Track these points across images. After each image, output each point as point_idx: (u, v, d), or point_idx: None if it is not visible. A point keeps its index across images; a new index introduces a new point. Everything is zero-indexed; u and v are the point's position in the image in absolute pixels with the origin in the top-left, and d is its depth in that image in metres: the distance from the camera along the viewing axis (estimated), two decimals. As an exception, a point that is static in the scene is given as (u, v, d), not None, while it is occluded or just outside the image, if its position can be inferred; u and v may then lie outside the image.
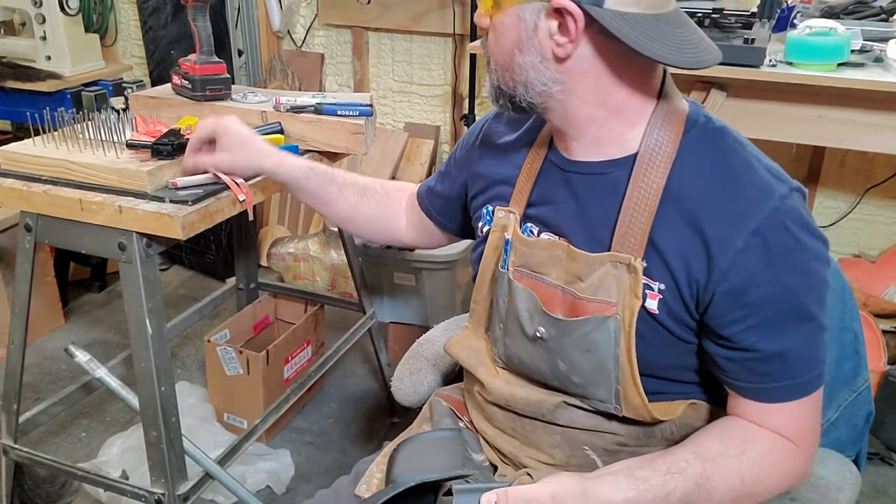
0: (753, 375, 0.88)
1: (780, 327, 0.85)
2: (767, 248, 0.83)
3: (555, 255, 0.95)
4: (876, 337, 2.07)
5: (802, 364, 0.88)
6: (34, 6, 2.51)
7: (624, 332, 0.89)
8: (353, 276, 2.11)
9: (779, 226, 0.83)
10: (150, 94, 1.70)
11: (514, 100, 0.92)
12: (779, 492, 0.90)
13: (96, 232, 1.34)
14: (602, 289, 0.89)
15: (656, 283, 0.88)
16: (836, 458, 1.08)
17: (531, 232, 1.00)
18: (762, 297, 0.84)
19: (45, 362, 2.51)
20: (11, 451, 1.64)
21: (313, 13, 3.02)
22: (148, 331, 1.35)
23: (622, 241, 0.89)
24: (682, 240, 0.86)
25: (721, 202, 0.85)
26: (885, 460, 2.04)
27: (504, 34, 0.88)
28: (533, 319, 0.96)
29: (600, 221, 0.92)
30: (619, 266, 0.88)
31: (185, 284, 3.05)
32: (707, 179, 0.86)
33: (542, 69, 0.87)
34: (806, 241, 0.85)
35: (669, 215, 0.87)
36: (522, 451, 1.05)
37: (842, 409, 1.10)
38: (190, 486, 1.48)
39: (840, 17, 2.06)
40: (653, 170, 0.88)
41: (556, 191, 0.98)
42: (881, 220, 2.48)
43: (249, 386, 2.04)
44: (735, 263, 0.83)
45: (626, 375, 0.91)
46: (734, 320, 0.86)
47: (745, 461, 0.87)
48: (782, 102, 1.94)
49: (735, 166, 0.87)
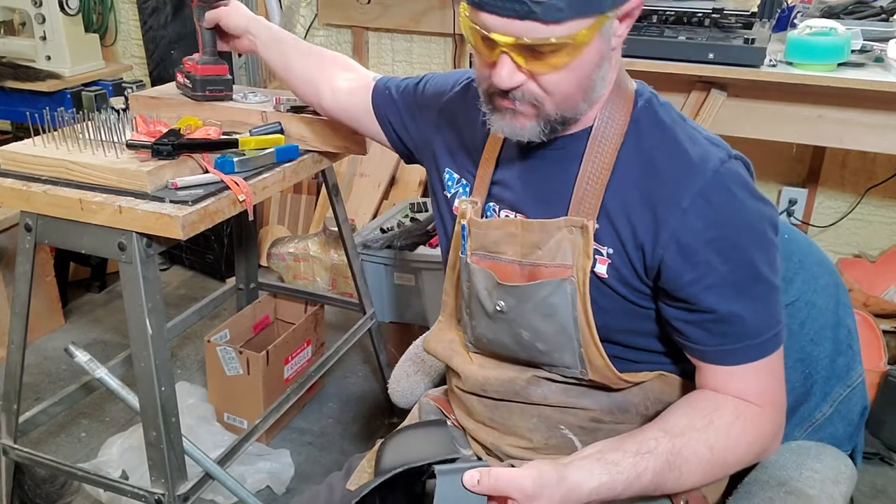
0: (712, 337, 0.91)
1: (735, 287, 0.89)
2: (712, 207, 0.87)
3: (509, 231, 0.99)
4: (876, 337, 2.07)
5: (760, 324, 0.90)
6: (34, 6, 2.51)
7: (580, 294, 0.93)
8: (353, 276, 2.11)
9: (720, 186, 0.88)
10: (150, 94, 1.70)
11: (565, 122, 0.92)
12: (751, 458, 0.93)
13: (96, 232, 1.34)
14: (559, 253, 0.94)
15: (605, 247, 0.93)
16: (832, 453, 1.08)
17: (494, 211, 1.04)
18: (712, 255, 0.88)
19: (45, 362, 2.51)
20: (11, 451, 1.64)
21: (313, 13, 3.02)
22: (148, 331, 1.35)
23: (577, 208, 0.93)
24: (630, 205, 0.91)
25: (666, 168, 0.90)
26: (885, 460, 2.04)
27: (585, 63, 0.87)
28: (491, 295, 1.00)
29: (557, 193, 0.96)
30: (574, 230, 0.93)
31: (185, 284, 3.05)
32: (653, 149, 0.92)
33: (607, 70, 0.91)
34: (748, 202, 0.89)
35: (618, 183, 0.92)
36: (503, 440, 1.07)
37: (836, 404, 1.11)
38: (190, 487, 1.48)
39: (840, 17, 2.06)
40: (606, 141, 0.93)
41: (514, 170, 1.02)
42: (881, 220, 2.48)
43: (249, 386, 2.04)
44: (682, 223, 0.88)
45: (587, 337, 0.94)
46: (688, 281, 0.89)
47: (712, 432, 0.89)
48: (782, 102, 1.94)
49: (678, 136, 0.92)
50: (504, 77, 0.86)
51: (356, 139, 1.55)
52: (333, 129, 1.54)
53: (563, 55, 0.84)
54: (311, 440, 2.18)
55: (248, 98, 1.66)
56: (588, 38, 0.83)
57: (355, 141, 1.56)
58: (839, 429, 1.12)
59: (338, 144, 1.58)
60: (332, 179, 1.92)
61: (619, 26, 0.89)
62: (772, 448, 0.96)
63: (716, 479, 0.94)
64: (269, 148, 1.50)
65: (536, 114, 0.90)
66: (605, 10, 0.83)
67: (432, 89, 1.20)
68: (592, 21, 0.82)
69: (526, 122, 0.91)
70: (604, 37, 0.86)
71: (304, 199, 3.12)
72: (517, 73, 0.87)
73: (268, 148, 1.49)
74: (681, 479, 0.88)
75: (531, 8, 0.80)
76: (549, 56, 0.84)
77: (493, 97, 0.92)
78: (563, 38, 0.81)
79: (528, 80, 0.87)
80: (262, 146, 1.49)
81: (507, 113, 0.92)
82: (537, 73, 0.86)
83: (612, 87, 0.95)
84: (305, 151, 1.58)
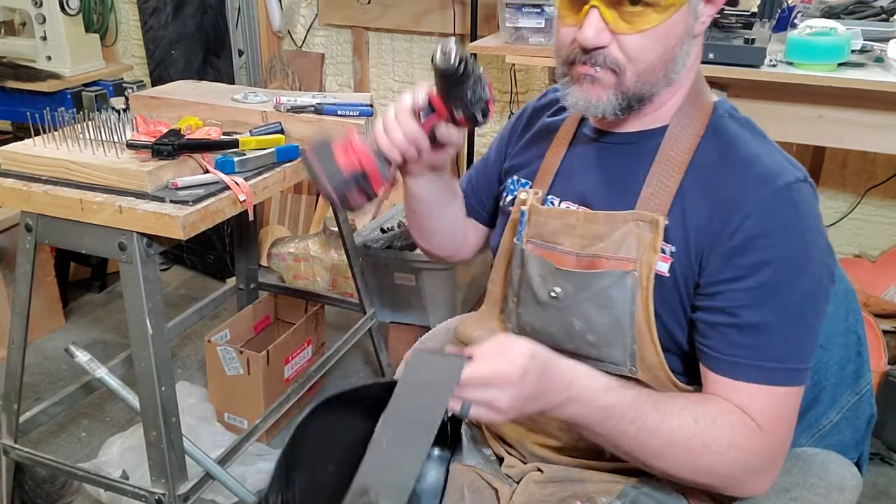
0: (726, 344, 0.88)
1: (765, 297, 0.86)
2: (772, 218, 0.86)
3: (568, 223, 0.97)
4: (876, 337, 2.07)
5: (778, 350, 0.87)
6: (34, 6, 2.51)
7: (642, 289, 0.91)
8: (353, 276, 2.11)
9: (788, 201, 0.87)
10: (151, 94, 1.71)
11: (641, 99, 0.92)
12: (730, 460, 0.87)
13: (96, 232, 1.34)
14: (623, 246, 0.92)
15: (669, 245, 0.90)
16: (838, 460, 1.07)
17: (552, 203, 1.02)
18: (756, 262, 0.86)
19: (45, 362, 2.51)
20: (12, 451, 1.64)
21: (313, 13, 3.02)
22: (148, 331, 1.35)
23: (647, 202, 0.92)
24: (700, 207, 0.90)
25: (737, 174, 0.89)
26: (886, 461, 2.04)
27: (670, 33, 0.87)
28: (546, 282, 0.97)
29: (626, 186, 0.95)
30: (642, 224, 0.91)
31: (185, 284, 3.05)
32: (727, 156, 0.91)
33: (688, 51, 0.91)
34: (810, 225, 0.88)
35: (691, 184, 0.91)
36: (528, 438, 1.04)
37: (844, 412, 1.10)
38: (190, 487, 1.48)
39: (840, 17, 2.06)
40: (683, 140, 0.93)
41: (583, 161, 1.01)
42: (882, 220, 2.48)
43: (250, 386, 2.04)
44: (741, 226, 0.86)
45: (644, 332, 0.92)
46: (724, 279, 0.88)
47: (699, 409, 0.87)
48: (782, 102, 1.94)
49: (756, 148, 0.92)
50: (590, 34, 0.86)
51: (356, 139, 1.55)
52: (334, 129, 1.54)
53: (650, 16, 0.84)
54: (312, 440, 2.18)
55: (249, 98, 1.67)
56: (678, 2, 0.84)
57: (355, 141, 1.56)
58: (846, 436, 1.10)
59: (338, 144, 1.58)
60: (332, 179, 1.92)
61: (705, 9, 0.89)
62: (754, 479, 0.89)
63: (690, 464, 0.88)
64: (270, 148, 1.50)
65: (615, 83, 0.89)
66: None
67: (505, 130, 1.19)
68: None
69: (602, 94, 0.90)
70: (692, 10, 0.87)
71: (304, 199, 3.12)
72: (604, 32, 0.86)
73: (268, 148, 1.49)
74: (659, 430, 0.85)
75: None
76: (637, 16, 0.84)
77: (573, 65, 0.91)
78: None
79: (612, 43, 0.87)
80: (263, 146, 1.49)
81: (584, 81, 0.91)
82: (623, 33, 0.86)
83: (691, 92, 0.95)
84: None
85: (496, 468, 1.08)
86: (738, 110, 0.98)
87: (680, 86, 0.94)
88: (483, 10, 2.54)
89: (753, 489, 0.91)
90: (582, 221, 0.96)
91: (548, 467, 1.02)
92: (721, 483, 0.90)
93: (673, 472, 0.89)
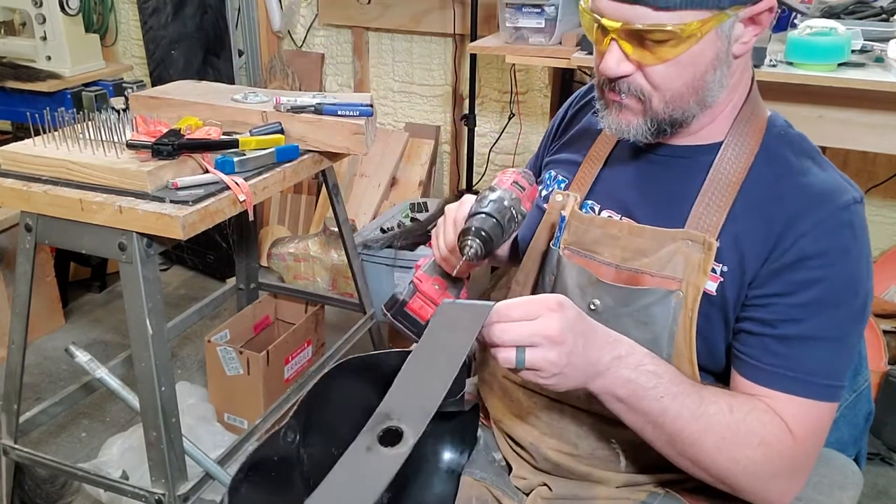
0: (767, 354, 0.88)
1: (811, 314, 0.86)
2: (828, 238, 0.86)
3: (611, 233, 0.96)
4: (876, 337, 2.07)
5: (817, 364, 0.87)
6: (34, 6, 2.51)
7: (685, 309, 0.89)
8: (353, 276, 2.11)
9: (845, 223, 0.86)
10: (151, 95, 1.71)
11: (674, 124, 0.91)
12: (759, 457, 0.86)
13: (96, 232, 1.34)
14: (669, 265, 0.90)
15: (720, 265, 0.89)
16: (839, 458, 1.08)
17: (591, 209, 1.01)
18: (807, 279, 0.86)
19: (45, 362, 2.51)
20: (12, 452, 1.64)
21: (313, 13, 3.02)
22: (148, 331, 1.35)
23: (697, 221, 0.90)
24: (753, 228, 0.88)
25: (793, 192, 0.88)
26: (886, 461, 2.04)
27: (696, 61, 0.85)
28: (585, 293, 0.96)
29: (675, 202, 0.93)
30: (692, 244, 0.89)
31: (185, 284, 3.05)
32: (785, 175, 0.90)
33: (723, 75, 0.88)
34: (864, 249, 0.88)
35: (745, 204, 0.90)
36: (543, 442, 1.01)
37: (843, 409, 1.10)
38: (190, 487, 1.48)
39: (840, 17, 2.06)
40: (736, 159, 0.91)
41: (628, 169, 0.99)
42: (882, 219, 2.48)
43: (250, 386, 2.04)
44: (795, 244, 0.86)
45: (682, 352, 0.91)
46: (772, 293, 0.87)
47: (735, 400, 0.87)
48: (782, 102, 1.93)
49: (812, 166, 0.90)
50: (611, 64, 0.86)
51: (356, 139, 1.55)
52: (333, 129, 1.54)
53: (671, 46, 0.82)
54: (312, 440, 2.18)
55: (249, 98, 1.66)
56: (699, 32, 0.81)
57: (355, 141, 1.56)
58: (844, 433, 1.11)
59: (338, 144, 1.58)
60: (332, 179, 1.92)
61: (745, 31, 0.86)
62: (776, 484, 0.88)
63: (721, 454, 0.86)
64: (270, 148, 1.50)
65: (643, 110, 0.89)
66: (724, 6, 0.81)
67: (550, 128, 1.19)
68: (708, 15, 0.80)
69: (632, 119, 0.90)
70: (722, 36, 0.83)
71: (304, 199, 3.12)
72: (624, 62, 0.86)
73: (268, 148, 1.49)
74: (699, 412, 0.85)
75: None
76: (658, 46, 0.83)
77: (603, 90, 0.91)
78: (673, 26, 0.80)
79: (636, 72, 0.86)
80: (263, 146, 1.49)
81: (614, 107, 0.90)
82: (644, 63, 0.85)
83: (746, 108, 0.93)
84: (305, 151, 1.58)
85: (505, 480, 1.06)
86: (791, 124, 0.96)
87: (724, 106, 0.93)
88: (483, 10, 2.54)
89: (776, 496, 0.89)
90: (626, 233, 0.94)
91: (556, 483, 1.00)
92: (745, 482, 0.87)
93: (704, 462, 0.87)
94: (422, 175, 2.91)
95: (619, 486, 0.99)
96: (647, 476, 0.98)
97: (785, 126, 0.95)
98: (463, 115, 2.81)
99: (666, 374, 0.85)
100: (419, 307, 0.94)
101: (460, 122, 2.87)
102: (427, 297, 0.94)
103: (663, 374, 0.84)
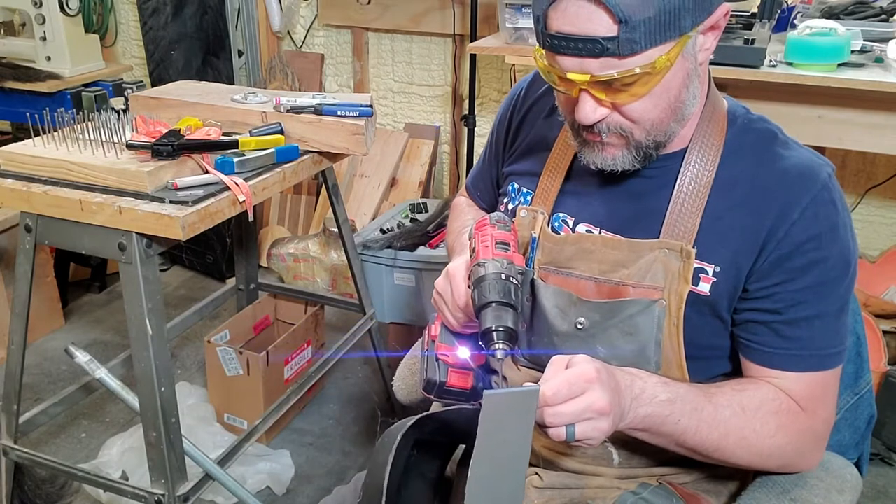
0: (780, 339, 0.90)
1: (814, 295, 0.89)
2: (817, 220, 0.88)
3: (584, 248, 0.96)
4: (876, 337, 2.07)
5: (827, 337, 0.90)
6: (34, 7, 2.51)
7: (669, 317, 0.90)
8: (353, 276, 2.11)
9: (828, 201, 0.89)
10: (151, 95, 1.70)
11: (658, 146, 0.90)
12: (780, 442, 0.90)
13: (96, 232, 1.34)
14: (650, 274, 0.91)
15: (711, 265, 0.90)
16: (838, 461, 1.07)
17: (564, 222, 1.00)
18: (805, 264, 0.88)
19: (45, 363, 2.51)
20: (11, 452, 1.63)
21: (313, 13, 3.02)
22: (148, 331, 1.35)
23: (672, 229, 0.91)
24: (742, 223, 0.90)
25: (773, 181, 0.90)
26: (886, 461, 2.04)
27: (670, 86, 0.85)
28: (567, 314, 0.95)
29: (649, 212, 0.94)
30: (670, 253, 0.90)
31: (185, 285, 3.05)
32: (757, 165, 0.91)
33: (695, 87, 0.89)
34: (847, 218, 0.91)
35: (723, 203, 0.91)
36: (537, 441, 1.01)
37: (843, 412, 1.10)
38: (190, 487, 1.48)
39: (840, 18, 2.06)
40: (703, 161, 0.92)
41: (594, 182, 0.99)
42: (881, 220, 2.48)
43: (249, 386, 2.04)
44: (788, 233, 0.88)
45: (670, 359, 0.92)
46: (775, 283, 0.89)
47: (745, 398, 0.89)
48: (782, 103, 1.94)
49: (780, 150, 0.92)
50: (587, 113, 0.85)
51: (356, 140, 1.55)
52: (333, 129, 1.54)
53: (642, 84, 0.82)
54: (312, 441, 2.18)
55: (248, 98, 1.66)
56: (668, 63, 0.80)
57: (355, 141, 1.56)
58: (846, 436, 1.11)
59: (338, 145, 1.58)
60: (332, 179, 1.92)
61: (706, 39, 0.86)
62: (804, 458, 0.95)
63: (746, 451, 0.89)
64: (269, 148, 1.50)
65: (626, 143, 0.89)
66: (686, 30, 0.80)
67: (498, 119, 1.18)
68: (672, 45, 0.80)
69: (617, 153, 0.90)
70: (688, 56, 0.84)
71: (304, 200, 3.13)
72: (599, 108, 0.85)
73: (268, 148, 1.49)
74: (715, 420, 0.87)
75: (605, 45, 0.78)
76: (629, 87, 0.82)
77: (579, 131, 0.90)
78: (641, 68, 0.79)
79: (612, 112, 0.86)
80: (262, 146, 1.49)
81: (595, 146, 0.90)
82: (620, 103, 0.84)
83: (706, 105, 0.93)
84: (305, 151, 1.58)
85: None
86: (749, 109, 0.98)
87: (695, 115, 0.93)
88: (483, 11, 2.54)
89: (807, 464, 0.97)
90: (600, 246, 0.94)
91: (547, 474, 1.01)
92: (777, 464, 0.94)
93: (733, 462, 0.91)
94: (421, 175, 2.91)
95: (613, 476, 1.00)
96: (641, 471, 1.00)
97: (745, 114, 0.96)
98: (463, 115, 2.81)
99: (678, 398, 0.86)
100: (458, 381, 0.94)
101: (460, 123, 2.87)
102: (459, 366, 0.95)
103: (675, 398, 0.86)
